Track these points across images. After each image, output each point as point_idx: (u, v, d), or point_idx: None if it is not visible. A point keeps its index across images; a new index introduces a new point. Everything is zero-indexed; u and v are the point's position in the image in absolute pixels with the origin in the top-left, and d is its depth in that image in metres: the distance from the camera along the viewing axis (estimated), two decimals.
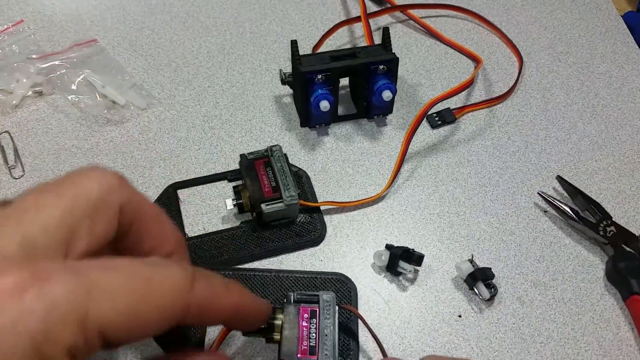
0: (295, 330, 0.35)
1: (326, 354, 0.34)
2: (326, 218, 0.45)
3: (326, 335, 0.35)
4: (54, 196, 0.24)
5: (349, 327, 0.40)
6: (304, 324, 0.35)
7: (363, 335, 0.39)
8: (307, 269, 0.43)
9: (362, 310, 0.41)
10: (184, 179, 0.47)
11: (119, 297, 0.23)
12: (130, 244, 0.28)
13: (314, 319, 0.35)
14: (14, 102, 0.50)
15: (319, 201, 0.46)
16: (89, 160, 0.47)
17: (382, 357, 0.38)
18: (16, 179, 0.46)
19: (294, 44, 0.46)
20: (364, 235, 0.45)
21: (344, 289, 0.42)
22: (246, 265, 0.43)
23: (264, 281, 0.41)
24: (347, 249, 0.44)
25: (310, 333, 0.35)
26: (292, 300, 0.36)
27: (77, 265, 0.23)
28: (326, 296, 0.36)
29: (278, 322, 0.35)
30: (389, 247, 0.43)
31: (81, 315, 0.21)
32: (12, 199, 0.25)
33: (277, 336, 0.35)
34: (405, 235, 0.45)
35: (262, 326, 0.34)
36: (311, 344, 0.34)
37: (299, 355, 0.34)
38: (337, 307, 0.36)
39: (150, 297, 0.24)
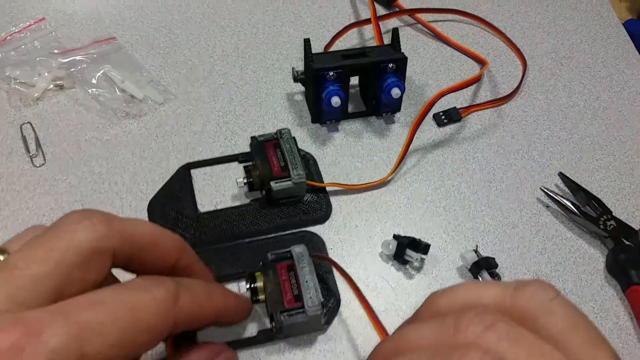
0: (277, 286, 0.38)
1: (310, 297, 0.37)
2: (332, 200, 0.47)
3: (307, 282, 0.38)
4: (43, 250, 0.25)
5: (325, 275, 0.42)
6: (284, 278, 0.38)
7: (341, 279, 0.41)
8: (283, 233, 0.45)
9: (369, 296, 0.42)
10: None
11: (109, 330, 0.24)
12: (133, 269, 0.30)
13: (292, 272, 0.38)
14: (36, 94, 0.52)
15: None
16: (109, 151, 0.49)
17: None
18: (37, 167, 0.48)
19: (307, 42, 0.48)
20: (372, 226, 0.46)
21: (311, 242, 0.45)
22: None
23: (238, 250, 0.44)
24: (355, 238, 0.45)
25: (291, 285, 0.38)
26: (268, 261, 0.39)
27: (65, 308, 0.24)
28: (298, 249, 0.39)
29: (260, 284, 0.38)
30: (396, 237, 0.44)
31: (78, 357, 0.23)
32: (4, 246, 0.27)
33: (262, 296, 0.38)
34: (412, 227, 0.46)
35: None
36: (295, 293, 0.38)
37: (286, 305, 0.37)
38: (310, 258, 0.39)
39: (137, 323, 0.25)
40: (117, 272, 0.29)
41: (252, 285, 0.38)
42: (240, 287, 0.38)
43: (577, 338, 0.22)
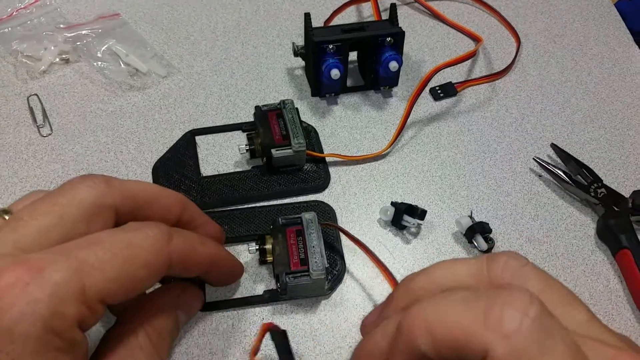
0: (285, 249, 0.39)
1: (316, 262, 0.38)
2: (331, 171, 0.49)
3: (313, 247, 0.39)
4: (47, 205, 0.27)
5: (332, 244, 0.43)
6: (292, 242, 0.40)
7: (347, 250, 0.43)
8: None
9: (368, 261, 0.44)
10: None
11: (107, 266, 0.26)
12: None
13: (300, 237, 0.40)
14: (42, 67, 0.53)
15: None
16: (114, 122, 0.50)
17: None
18: (44, 136, 0.49)
19: (307, 16, 0.50)
20: (370, 194, 0.48)
21: (323, 212, 0.46)
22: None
23: (250, 214, 0.45)
24: (354, 206, 0.47)
25: (299, 249, 0.39)
26: (278, 225, 0.40)
27: (65, 248, 0.26)
28: (308, 215, 0.41)
29: (268, 246, 0.40)
30: (394, 203, 0.46)
31: (80, 291, 0.24)
32: (9, 207, 0.29)
33: (269, 258, 0.40)
34: (409, 195, 0.48)
35: None
36: (301, 257, 0.39)
37: (292, 268, 0.38)
38: (319, 225, 0.40)
39: (134, 258, 0.27)
40: None
41: (261, 247, 0.40)
42: (250, 247, 0.40)
43: (553, 297, 0.23)
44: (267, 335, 0.33)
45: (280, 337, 0.34)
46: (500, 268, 0.24)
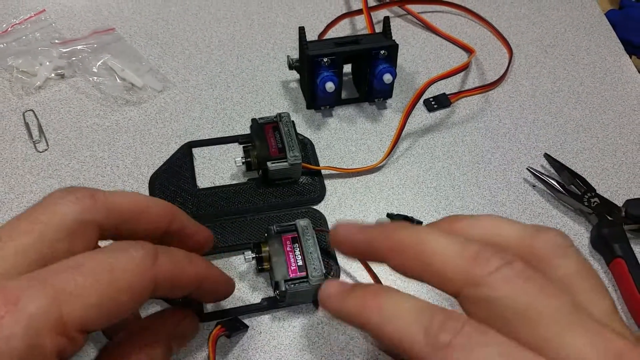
0: (282, 257, 0.39)
1: (314, 267, 0.39)
2: (327, 183, 0.49)
3: (310, 253, 0.39)
4: (26, 223, 0.26)
5: (326, 249, 0.44)
6: (289, 249, 0.40)
7: (340, 256, 0.44)
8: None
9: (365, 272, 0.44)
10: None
11: (87, 292, 0.24)
12: (124, 239, 0.29)
13: (296, 244, 0.40)
14: (38, 83, 0.53)
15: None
16: (110, 137, 0.51)
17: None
18: (40, 152, 0.49)
19: (301, 30, 0.50)
20: (365, 206, 0.48)
21: (315, 219, 0.46)
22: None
23: (243, 224, 0.45)
24: (350, 218, 0.47)
25: (295, 256, 0.40)
26: (273, 233, 0.41)
27: (42, 275, 0.24)
28: (302, 222, 0.41)
29: (265, 254, 0.40)
30: (390, 215, 0.46)
31: (57, 321, 0.23)
32: None
33: (266, 265, 0.40)
34: (405, 206, 0.48)
35: None
36: (299, 263, 0.39)
37: (290, 275, 0.39)
38: (314, 230, 0.41)
39: (116, 283, 0.25)
40: None
41: (258, 255, 0.40)
42: (246, 256, 0.40)
43: (584, 283, 0.23)
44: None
45: (229, 324, 0.37)
46: (544, 241, 0.24)
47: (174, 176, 0.47)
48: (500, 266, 0.22)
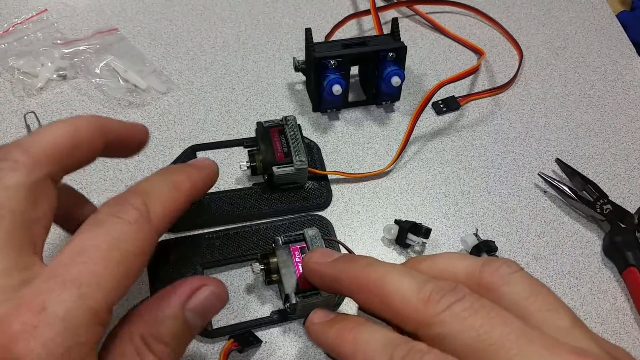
0: (291, 268, 0.38)
1: None
2: (334, 188, 0.48)
3: None
4: None
5: None
6: (298, 260, 0.39)
7: None
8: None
9: None
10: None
11: (105, 278, 0.24)
12: (73, 170, 0.28)
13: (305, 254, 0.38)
14: (39, 84, 0.52)
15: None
16: None
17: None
18: None
19: (308, 31, 0.49)
20: (373, 211, 0.47)
21: (321, 226, 0.45)
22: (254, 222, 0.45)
23: (249, 233, 0.44)
24: (357, 224, 0.46)
25: None
26: (280, 243, 0.40)
27: (54, 272, 0.23)
28: (311, 232, 0.40)
29: (273, 265, 0.39)
30: (398, 222, 0.45)
31: (88, 314, 0.23)
32: None
33: (275, 277, 0.39)
34: (413, 212, 0.47)
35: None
36: None
37: (301, 287, 0.38)
38: (322, 240, 0.40)
39: (126, 258, 0.25)
40: None
41: (266, 267, 0.39)
42: (254, 268, 0.39)
43: (534, 305, 0.24)
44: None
45: (242, 339, 0.37)
46: (490, 272, 0.25)
47: None
48: (451, 304, 0.23)
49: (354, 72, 0.54)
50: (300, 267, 0.38)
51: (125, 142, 0.32)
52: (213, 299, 0.29)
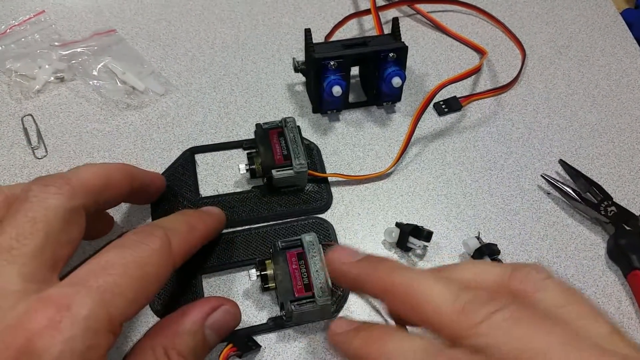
0: (288, 275, 0.38)
1: (320, 287, 0.37)
2: (334, 191, 0.47)
3: (317, 271, 0.38)
4: (27, 224, 0.27)
5: None
6: (294, 266, 0.38)
7: None
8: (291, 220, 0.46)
9: None
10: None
11: (126, 291, 0.26)
12: (102, 209, 0.34)
13: (302, 260, 0.39)
14: (37, 87, 0.52)
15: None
16: (111, 142, 0.49)
17: None
18: (39, 159, 0.48)
19: (307, 32, 0.48)
20: (374, 214, 0.46)
21: (323, 229, 0.45)
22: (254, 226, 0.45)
23: (248, 237, 0.44)
24: (358, 227, 0.46)
25: (302, 274, 0.38)
26: (278, 249, 0.39)
27: (81, 278, 0.26)
28: (308, 237, 0.39)
29: (270, 272, 0.39)
30: (399, 224, 0.44)
31: (107, 320, 0.25)
32: None
33: (271, 284, 0.39)
34: (414, 215, 0.47)
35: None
36: (305, 282, 0.38)
37: (296, 294, 0.37)
38: (320, 246, 0.39)
39: (147, 277, 0.28)
40: None
41: (262, 273, 0.38)
42: (251, 275, 0.39)
43: (572, 313, 0.23)
44: None
45: (242, 344, 0.37)
46: (520, 280, 0.25)
47: (176, 184, 0.46)
48: (490, 313, 0.22)
49: (354, 72, 0.54)
50: (296, 275, 0.38)
51: (146, 189, 0.39)
52: (229, 317, 0.33)
